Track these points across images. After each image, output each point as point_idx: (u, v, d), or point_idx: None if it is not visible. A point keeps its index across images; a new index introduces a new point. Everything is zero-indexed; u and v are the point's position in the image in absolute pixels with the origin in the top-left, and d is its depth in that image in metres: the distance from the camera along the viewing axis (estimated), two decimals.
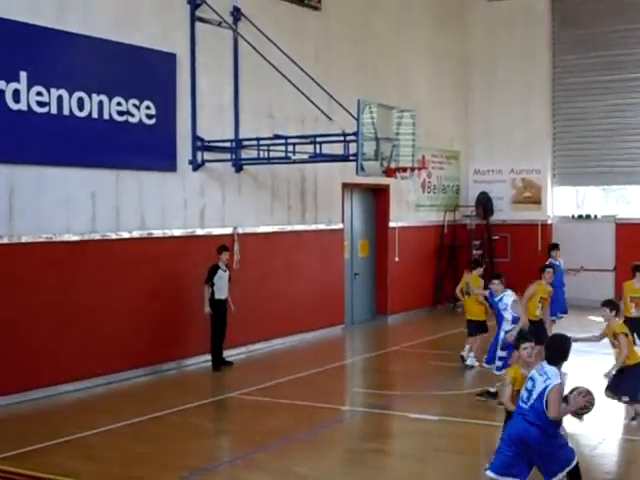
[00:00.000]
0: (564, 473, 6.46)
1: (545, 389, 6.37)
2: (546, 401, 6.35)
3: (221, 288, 12.95)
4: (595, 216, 20.85)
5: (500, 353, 10.63)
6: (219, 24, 13.72)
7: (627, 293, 12.47)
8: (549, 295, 12.61)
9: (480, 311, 12.88)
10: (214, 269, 12.89)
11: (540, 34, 20.98)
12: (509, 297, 10.96)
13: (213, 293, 12.86)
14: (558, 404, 6.36)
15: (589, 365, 12.28)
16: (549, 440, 6.39)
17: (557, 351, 6.61)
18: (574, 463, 6.48)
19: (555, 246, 15.46)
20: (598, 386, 8.28)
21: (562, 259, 15.05)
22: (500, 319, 11.01)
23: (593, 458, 8.19)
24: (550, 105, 21.15)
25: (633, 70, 20.05)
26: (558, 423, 6.46)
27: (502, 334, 10.72)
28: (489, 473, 6.53)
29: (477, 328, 12.85)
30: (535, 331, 9.57)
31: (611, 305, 9.53)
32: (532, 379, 6.53)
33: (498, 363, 10.59)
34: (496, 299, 11.07)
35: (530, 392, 6.47)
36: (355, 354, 15.59)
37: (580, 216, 21.06)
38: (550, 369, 6.49)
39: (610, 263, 19.99)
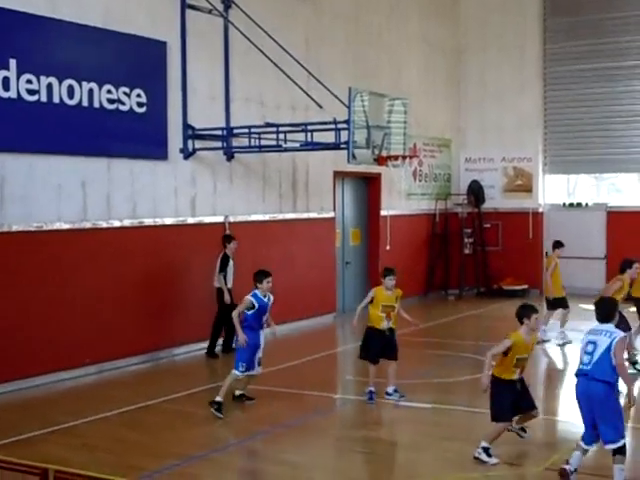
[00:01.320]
0: (617, 445, 6.98)
1: (612, 342, 7.01)
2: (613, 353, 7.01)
3: (229, 277, 13.08)
4: (586, 204, 20.87)
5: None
6: (210, 12, 13.67)
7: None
8: None
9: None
10: (226, 258, 12.94)
11: (531, 22, 20.95)
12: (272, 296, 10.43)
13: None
14: (622, 352, 7.14)
15: None
16: (609, 398, 7.00)
17: (607, 311, 7.39)
18: (623, 441, 7.01)
19: None
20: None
21: None
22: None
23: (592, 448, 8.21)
24: (541, 93, 21.15)
25: (624, 58, 20.02)
26: (616, 380, 7.05)
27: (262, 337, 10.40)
28: (583, 445, 7.21)
29: (559, 303, 14.59)
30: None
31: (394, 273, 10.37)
32: (591, 342, 7.13)
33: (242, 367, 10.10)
34: (265, 299, 10.34)
35: (591, 354, 7.07)
36: (347, 342, 15.59)
37: (571, 204, 21.08)
38: (608, 326, 7.21)
39: (601, 251, 20.08)
